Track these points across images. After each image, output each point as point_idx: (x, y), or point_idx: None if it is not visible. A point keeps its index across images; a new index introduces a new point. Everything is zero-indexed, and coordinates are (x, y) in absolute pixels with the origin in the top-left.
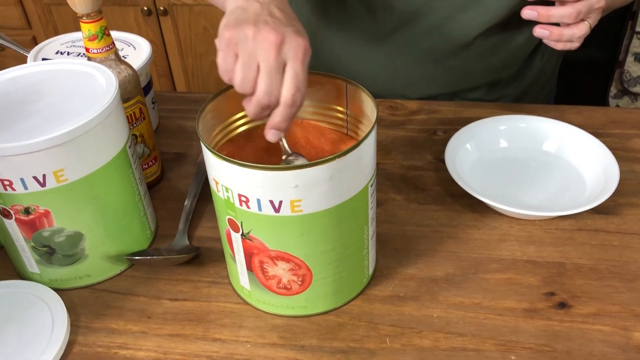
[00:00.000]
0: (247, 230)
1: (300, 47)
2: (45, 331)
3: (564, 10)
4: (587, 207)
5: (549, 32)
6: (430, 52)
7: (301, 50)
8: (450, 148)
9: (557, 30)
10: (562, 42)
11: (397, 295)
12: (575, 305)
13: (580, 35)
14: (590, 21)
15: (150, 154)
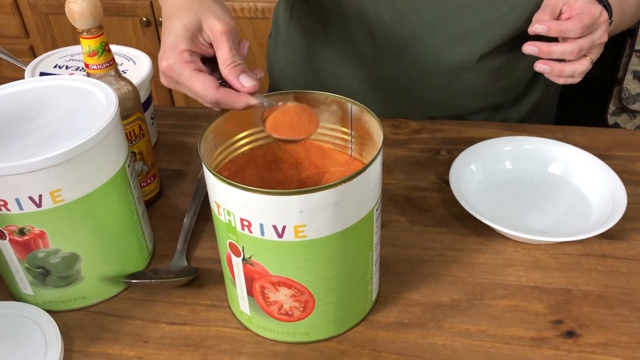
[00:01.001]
0: (249, 255)
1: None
2: (38, 355)
3: (565, 47)
4: (594, 233)
5: (550, 67)
6: (430, 76)
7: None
8: (455, 169)
9: (558, 66)
10: (563, 77)
11: (401, 321)
12: (583, 334)
13: (581, 71)
14: (592, 56)
15: (149, 172)
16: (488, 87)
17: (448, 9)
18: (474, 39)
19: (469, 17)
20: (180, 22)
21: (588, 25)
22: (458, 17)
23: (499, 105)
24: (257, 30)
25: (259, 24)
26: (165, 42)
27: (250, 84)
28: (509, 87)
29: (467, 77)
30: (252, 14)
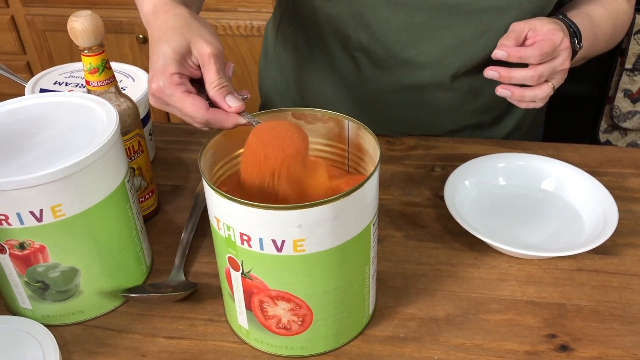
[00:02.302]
0: (248, 269)
1: (153, 95)
2: None
3: (525, 73)
4: (586, 249)
5: (510, 92)
6: (408, 95)
7: (156, 97)
8: (450, 185)
9: (518, 91)
10: (524, 102)
11: (397, 335)
12: (577, 348)
13: (542, 96)
14: (554, 82)
15: (147, 187)
16: (466, 106)
17: (422, 30)
18: (448, 60)
19: (443, 39)
20: (169, 46)
21: (548, 52)
22: (433, 38)
23: (480, 124)
24: (252, 48)
25: (255, 41)
26: (155, 65)
27: (236, 104)
28: (489, 106)
29: (443, 96)
30: (248, 31)
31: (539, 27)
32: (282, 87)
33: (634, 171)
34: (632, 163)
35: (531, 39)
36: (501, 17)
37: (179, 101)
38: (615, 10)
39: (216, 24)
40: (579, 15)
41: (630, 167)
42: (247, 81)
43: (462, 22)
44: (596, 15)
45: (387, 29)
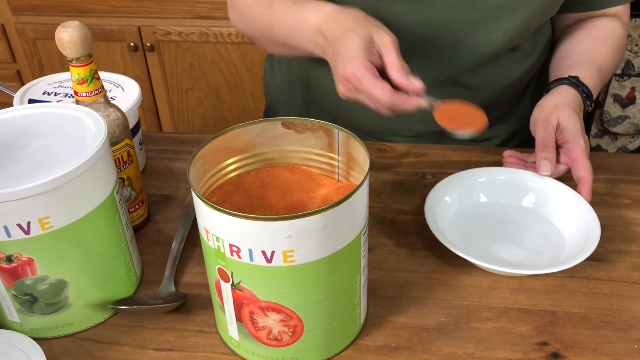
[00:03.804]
0: (238, 281)
1: (348, 81)
2: None
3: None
4: (566, 266)
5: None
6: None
7: (351, 83)
8: (430, 201)
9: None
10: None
11: (389, 345)
12: (568, 355)
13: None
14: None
15: (137, 197)
16: (475, 101)
17: (437, 26)
18: (460, 55)
19: (455, 34)
20: (358, 36)
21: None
22: (446, 33)
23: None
24: (244, 55)
25: (246, 48)
26: (346, 54)
27: (419, 83)
28: (495, 103)
29: (454, 92)
30: (240, 39)
31: (562, 122)
32: (289, 88)
33: (624, 177)
34: (621, 169)
35: (558, 139)
36: (512, 13)
37: (369, 85)
38: (616, 42)
39: (207, 31)
40: (588, 68)
41: (620, 172)
42: (238, 88)
43: (475, 18)
44: (602, 59)
45: (402, 24)
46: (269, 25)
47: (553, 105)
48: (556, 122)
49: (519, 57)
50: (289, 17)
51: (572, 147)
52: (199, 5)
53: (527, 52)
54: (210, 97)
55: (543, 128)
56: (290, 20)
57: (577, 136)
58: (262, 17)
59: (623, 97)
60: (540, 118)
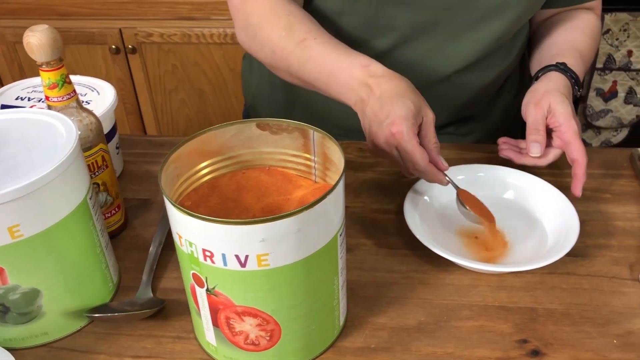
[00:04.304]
0: (212, 286)
1: (394, 135)
2: None
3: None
4: (544, 263)
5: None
6: None
7: (397, 137)
8: (409, 200)
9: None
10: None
11: (369, 346)
12: (548, 352)
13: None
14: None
15: (113, 202)
16: (463, 98)
17: (426, 27)
18: (449, 55)
19: (444, 34)
20: (410, 101)
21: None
22: (435, 34)
23: (468, 117)
24: (227, 56)
25: (229, 49)
26: (399, 112)
27: (446, 164)
28: (477, 99)
29: (438, 90)
30: (222, 39)
31: (553, 106)
32: (270, 87)
33: (604, 171)
34: (601, 164)
35: (550, 123)
36: (500, 14)
37: (412, 147)
38: (593, 32)
39: (189, 32)
40: (572, 55)
41: (599, 167)
42: (222, 89)
43: (464, 20)
44: (582, 46)
45: (393, 26)
46: (299, 63)
47: (544, 91)
48: (547, 107)
49: (500, 55)
50: (328, 62)
51: (564, 130)
52: (180, 6)
53: (508, 50)
54: (193, 98)
55: (534, 112)
56: (330, 65)
57: (569, 119)
58: (290, 54)
59: (605, 91)
60: (532, 102)
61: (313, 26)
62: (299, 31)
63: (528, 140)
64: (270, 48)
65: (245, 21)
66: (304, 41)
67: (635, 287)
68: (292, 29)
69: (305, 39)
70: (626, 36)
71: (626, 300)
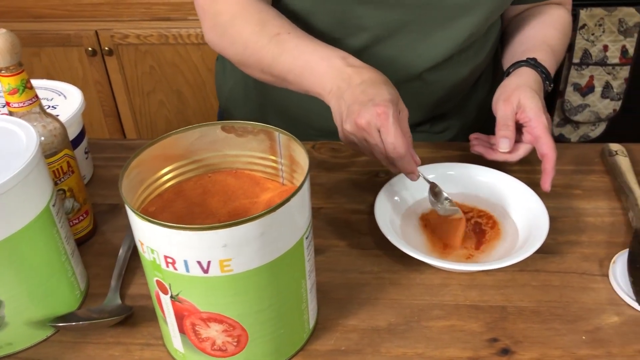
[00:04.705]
0: (176, 292)
1: (379, 116)
2: None
3: (554, 157)
4: (513, 261)
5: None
6: None
7: (382, 117)
8: (380, 200)
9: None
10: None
11: (339, 349)
12: (518, 351)
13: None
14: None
15: (80, 208)
16: (435, 96)
17: (396, 27)
18: (420, 53)
19: (413, 33)
20: (394, 90)
21: (550, 134)
22: (405, 33)
23: (442, 114)
24: (204, 56)
25: (207, 49)
26: (381, 97)
27: (418, 159)
28: (451, 96)
29: (411, 88)
30: (200, 40)
31: (523, 102)
32: (241, 93)
33: (574, 167)
34: (572, 160)
35: (520, 118)
36: (470, 11)
37: (394, 129)
38: (563, 27)
39: (166, 33)
40: (543, 50)
41: (570, 163)
42: (201, 89)
43: (434, 18)
44: (553, 42)
45: (362, 26)
46: (273, 56)
47: (514, 86)
48: (517, 102)
49: (472, 52)
50: (304, 54)
51: (534, 125)
52: (156, 7)
53: (480, 47)
54: (172, 100)
55: (504, 107)
56: (306, 57)
57: (539, 114)
58: (264, 47)
59: (582, 86)
60: (502, 98)
61: (286, 22)
62: (272, 27)
63: (497, 135)
64: (242, 43)
65: (214, 20)
66: (278, 35)
67: (604, 283)
68: (265, 25)
69: (279, 33)
70: (602, 31)
71: (595, 296)
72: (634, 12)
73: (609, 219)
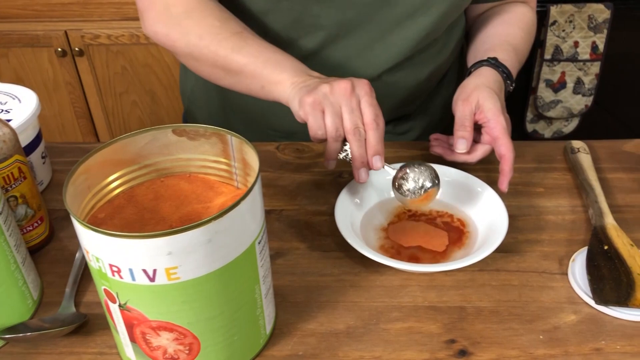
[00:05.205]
0: (124, 301)
1: (366, 84)
2: None
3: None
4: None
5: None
6: None
7: (367, 86)
8: (340, 202)
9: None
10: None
11: (296, 354)
12: (475, 352)
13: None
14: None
15: (34, 215)
16: (394, 98)
17: (352, 26)
18: (377, 53)
19: (371, 32)
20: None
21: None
22: (362, 32)
23: (404, 116)
24: None
25: None
26: (349, 79)
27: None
28: (413, 97)
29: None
30: None
31: (481, 102)
32: (205, 89)
33: (537, 165)
34: (535, 157)
35: (478, 119)
36: (427, 10)
37: (375, 100)
38: (527, 25)
39: (138, 33)
40: (505, 50)
41: (533, 161)
42: (174, 89)
43: (390, 16)
44: (516, 41)
45: (318, 25)
46: (233, 48)
47: (474, 86)
48: (476, 102)
49: (433, 52)
50: (267, 50)
51: (492, 126)
52: (127, 6)
53: (442, 46)
54: (145, 100)
55: (462, 107)
56: (269, 54)
57: (498, 115)
58: (225, 40)
59: (555, 82)
60: (461, 98)
61: (246, 26)
62: (234, 24)
63: (455, 136)
64: (197, 35)
65: (165, 11)
66: (241, 33)
67: (563, 282)
68: (227, 22)
69: (242, 31)
70: (572, 27)
71: (554, 294)
72: (603, 8)
73: (570, 217)
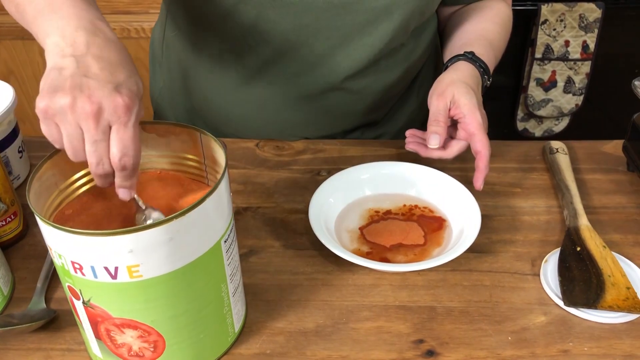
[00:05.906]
0: (88, 298)
1: (119, 108)
2: None
3: (488, 156)
4: (443, 261)
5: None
6: (300, 94)
7: (121, 111)
8: (315, 201)
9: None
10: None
11: (264, 352)
12: (443, 352)
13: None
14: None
15: (7, 210)
16: (359, 105)
17: (311, 32)
18: (338, 60)
19: (331, 39)
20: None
21: (485, 131)
22: (321, 39)
23: (373, 122)
24: None
25: None
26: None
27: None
28: (380, 105)
29: (335, 97)
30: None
31: (457, 98)
32: (172, 91)
33: (515, 165)
34: (513, 157)
35: (454, 114)
36: (388, 15)
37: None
38: (503, 21)
39: (128, 27)
40: (481, 45)
41: (511, 161)
42: None
43: (350, 22)
44: (492, 36)
45: (276, 31)
46: None
47: (449, 81)
48: (451, 97)
49: (400, 57)
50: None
51: (468, 122)
52: (116, 0)
53: (409, 51)
54: None
55: (436, 102)
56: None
57: (474, 111)
58: None
59: (545, 81)
60: (435, 93)
61: None
62: None
63: (428, 131)
64: None
65: None
66: None
67: (535, 282)
68: None
69: None
70: (563, 26)
71: (525, 295)
72: (594, 7)
73: (545, 218)
